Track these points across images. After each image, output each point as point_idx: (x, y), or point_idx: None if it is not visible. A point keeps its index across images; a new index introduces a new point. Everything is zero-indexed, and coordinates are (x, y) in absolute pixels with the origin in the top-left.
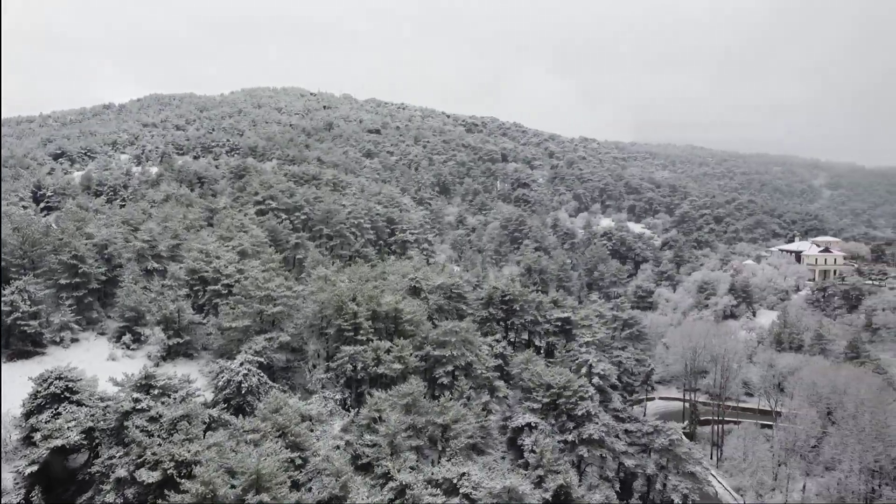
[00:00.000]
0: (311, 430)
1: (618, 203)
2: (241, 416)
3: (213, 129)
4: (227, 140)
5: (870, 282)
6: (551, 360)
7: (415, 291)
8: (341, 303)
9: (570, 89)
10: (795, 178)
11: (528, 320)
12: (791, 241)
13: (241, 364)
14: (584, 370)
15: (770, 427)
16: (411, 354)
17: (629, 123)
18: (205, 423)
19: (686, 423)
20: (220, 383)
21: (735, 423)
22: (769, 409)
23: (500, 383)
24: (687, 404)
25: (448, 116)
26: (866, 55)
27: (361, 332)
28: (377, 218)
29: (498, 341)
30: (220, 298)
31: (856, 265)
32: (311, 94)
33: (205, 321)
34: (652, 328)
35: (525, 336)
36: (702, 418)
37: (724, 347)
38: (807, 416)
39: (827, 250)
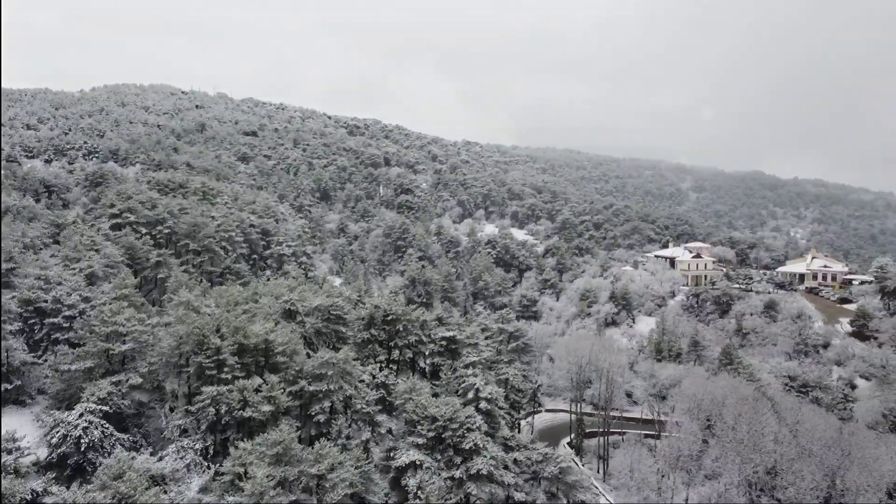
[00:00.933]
0: (165, 493)
1: (501, 209)
2: (78, 481)
3: (70, 130)
4: (85, 142)
5: (737, 286)
6: (437, 382)
7: (290, 315)
8: (202, 336)
9: (455, 92)
10: (665, 181)
11: (412, 341)
12: (665, 246)
13: (81, 416)
14: (470, 394)
15: (654, 437)
16: (284, 391)
17: (512, 127)
18: (26, 500)
19: (573, 436)
20: (55, 440)
21: (621, 434)
22: (653, 417)
23: (381, 417)
24: (573, 416)
25: (330, 118)
26: (737, 70)
27: (226, 369)
28: (251, 230)
29: (380, 369)
30: (60, 333)
31: (724, 269)
32: (183, 92)
33: (41, 361)
34: (537, 339)
35: (410, 355)
36: (588, 430)
37: (609, 361)
38: (689, 429)
39: (698, 256)
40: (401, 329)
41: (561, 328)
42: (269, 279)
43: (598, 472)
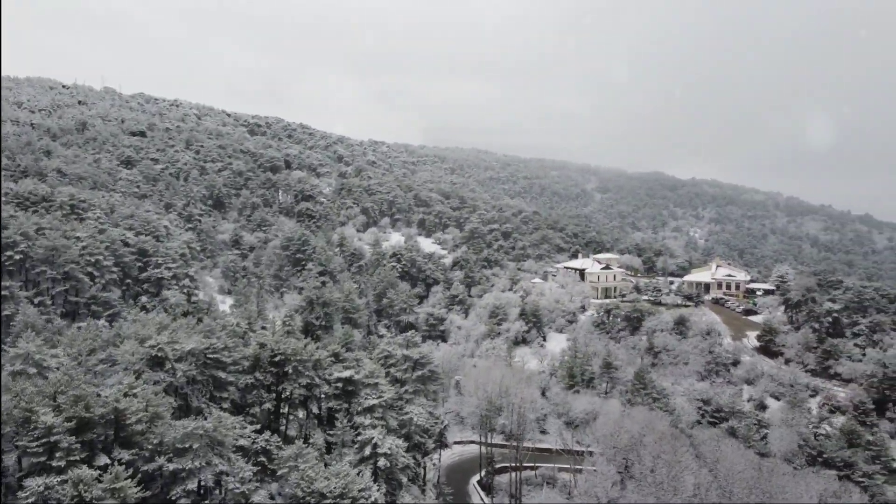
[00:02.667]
0: None
1: (407, 216)
2: None
3: None
4: None
5: (646, 298)
6: (332, 431)
7: (157, 362)
8: (29, 412)
9: (362, 90)
10: (571, 182)
11: (303, 384)
12: (575, 255)
13: None
14: (367, 450)
15: (568, 470)
16: (135, 477)
17: (420, 126)
18: None
19: (482, 473)
20: None
21: (534, 468)
22: (566, 448)
23: (259, 497)
24: (483, 449)
25: (229, 115)
26: (641, 74)
27: (59, 453)
28: (125, 252)
29: (259, 432)
30: None
31: (633, 281)
32: (64, 86)
33: None
34: (445, 362)
35: (300, 399)
36: (499, 466)
37: (520, 396)
38: (606, 472)
39: (608, 267)
40: (290, 371)
41: (470, 349)
42: (143, 308)
43: None
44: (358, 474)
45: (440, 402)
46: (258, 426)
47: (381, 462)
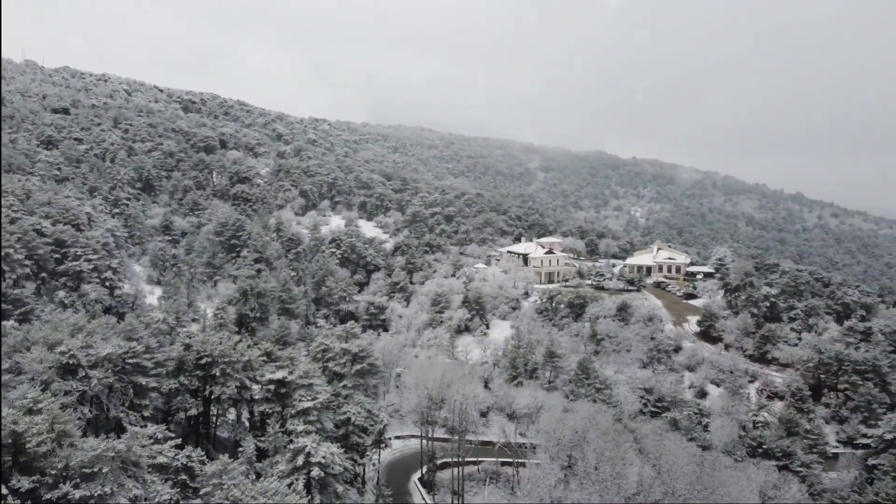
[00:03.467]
0: None
1: (348, 199)
2: None
3: None
4: None
5: (589, 282)
6: (262, 437)
7: (69, 370)
8: None
9: (303, 65)
10: (515, 161)
11: (233, 388)
12: (518, 239)
13: None
14: (300, 460)
15: (511, 464)
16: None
17: (363, 104)
18: None
19: (424, 469)
20: None
21: (476, 463)
22: (509, 442)
23: None
24: (425, 443)
25: (161, 91)
26: (590, 57)
27: None
28: (39, 243)
29: (180, 446)
30: None
31: (576, 266)
32: None
33: None
34: (386, 353)
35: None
36: (441, 462)
37: (462, 393)
38: (549, 469)
39: (551, 251)
40: (218, 374)
41: (412, 338)
42: (62, 304)
43: None
44: (290, 486)
45: (381, 396)
46: (179, 440)
47: (315, 472)
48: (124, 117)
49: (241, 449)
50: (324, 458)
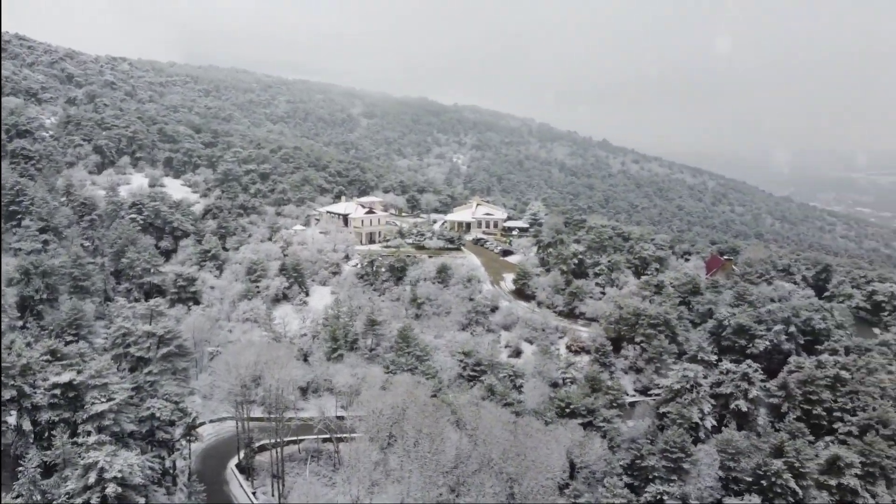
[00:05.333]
0: None
1: (151, 155)
2: None
3: None
4: None
5: (410, 242)
6: (49, 452)
7: None
8: None
9: None
10: (336, 106)
11: (10, 397)
12: (338, 198)
13: None
14: (92, 477)
15: (332, 441)
16: None
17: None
18: None
19: (241, 454)
20: None
21: (296, 442)
22: (329, 418)
23: None
24: (241, 426)
25: None
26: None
27: None
28: None
29: None
30: None
31: (398, 225)
32: None
33: None
34: (197, 330)
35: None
36: (259, 445)
37: (277, 377)
38: (369, 451)
39: (371, 211)
40: None
41: (226, 311)
42: None
43: (272, 495)
44: None
45: (193, 377)
46: None
47: (111, 489)
48: None
49: (21, 467)
50: (120, 471)
